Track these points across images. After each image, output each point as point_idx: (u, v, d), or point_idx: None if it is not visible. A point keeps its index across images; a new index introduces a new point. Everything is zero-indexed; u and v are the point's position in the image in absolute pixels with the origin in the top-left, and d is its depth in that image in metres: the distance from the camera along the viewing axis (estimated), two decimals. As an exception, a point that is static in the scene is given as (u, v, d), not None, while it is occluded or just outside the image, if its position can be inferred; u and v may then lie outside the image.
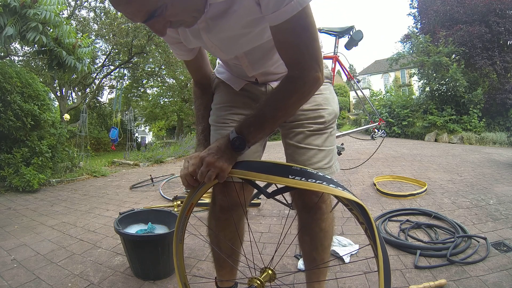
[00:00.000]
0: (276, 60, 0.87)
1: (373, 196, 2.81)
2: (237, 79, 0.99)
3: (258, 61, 0.87)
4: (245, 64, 0.88)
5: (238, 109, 0.98)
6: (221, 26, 0.73)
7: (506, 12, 8.86)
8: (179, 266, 0.97)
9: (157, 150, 7.32)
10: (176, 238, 0.93)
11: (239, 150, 0.75)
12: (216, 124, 0.99)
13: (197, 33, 0.78)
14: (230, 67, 0.99)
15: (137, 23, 0.69)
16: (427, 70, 9.55)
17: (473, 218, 2.10)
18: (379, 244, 0.67)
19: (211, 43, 0.80)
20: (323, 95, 0.96)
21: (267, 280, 0.84)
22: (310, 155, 0.91)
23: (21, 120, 3.70)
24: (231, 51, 0.84)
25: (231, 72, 1.01)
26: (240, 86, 0.98)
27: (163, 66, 13.58)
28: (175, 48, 0.91)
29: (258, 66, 0.89)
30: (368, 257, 1.61)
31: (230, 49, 0.82)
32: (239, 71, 0.95)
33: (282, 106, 0.73)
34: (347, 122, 17.97)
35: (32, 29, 3.18)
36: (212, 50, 0.85)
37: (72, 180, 4.37)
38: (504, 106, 8.78)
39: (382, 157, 5.06)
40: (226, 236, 1.02)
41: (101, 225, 2.31)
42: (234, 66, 0.95)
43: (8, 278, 1.49)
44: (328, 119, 0.94)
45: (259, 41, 0.79)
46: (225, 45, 0.81)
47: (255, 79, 0.95)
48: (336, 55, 2.69)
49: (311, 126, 0.92)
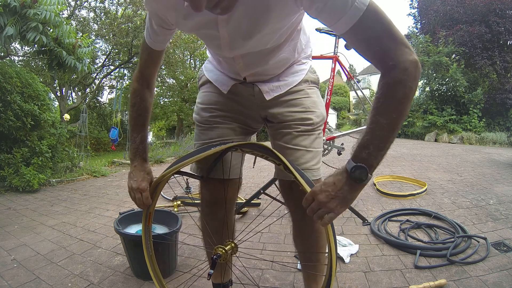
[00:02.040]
0: (271, 65, 0.88)
1: (373, 196, 2.81)
2: (226, 78, 0.97)
3: (253, 63, 0.86)
4: (239, 65, 0.87)
5: (223, 112, 0.98)
6: (243, 23, 0.70)
7: (506, 12, 8.86)
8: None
9: (157, 150, 7.32)
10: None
11: (361, 182, 0.63)
12: (201, 124, 1.00)
13: (213, 22, 0.72)
14: (221, 64, 0.96)
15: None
16: (427, 70, 9.55)
17: (473, 218, 2.10)
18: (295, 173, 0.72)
19: (226, 36, 0.75)
20: (311, 99, 0.96)
21: (231, 250, 0.90)
22: (298, 155, 0.92)
23: (21, 120, 3.70)
24: (239, 49, 0.80)
25: (221, 68, 0.98)
26: (228, 88, 0.96)
27: (163, 66, 13.56)
28: (155, 31, 0.83)
29: (252, 67, 0.88)
30: (368, 257, 1.61)
31: (240, 47, 0.79)
32: (230, 68, 0.93)
33: (394, 107, 0.60)
34: (347, 122, 17.96)
35: (32, 29, 3.18)
36: (218, 43, 0.79)
37: (72, 180, 4.37)
38: (504, 106, 8.78)
39: (382, 157, 5.06)
40: (212, 229, 1.04)
41: (101, 225, 2.31)
42: (226, 63, 0.92)
43: (8, 278, 1.49)
44: (316, 121, 0.95)
45: (264, 46, 0.78)
46: (236, 42, 0.77)
47: (243, 78, 0.94)
48: (336, 55, 2.68)
49: (298, 127, 0.93)
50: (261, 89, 0.92)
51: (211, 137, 0.98)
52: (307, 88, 0.97)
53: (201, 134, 1.01)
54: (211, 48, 0.88)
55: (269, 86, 0.93)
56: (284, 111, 0.94)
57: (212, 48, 0.87)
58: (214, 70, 1.01)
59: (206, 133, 0.99)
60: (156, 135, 26.65)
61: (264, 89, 0.92)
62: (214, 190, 1.00)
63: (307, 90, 0.97)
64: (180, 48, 13.34)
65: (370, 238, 1.87)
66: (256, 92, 0.94)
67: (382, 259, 1.60)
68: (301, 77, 0.96)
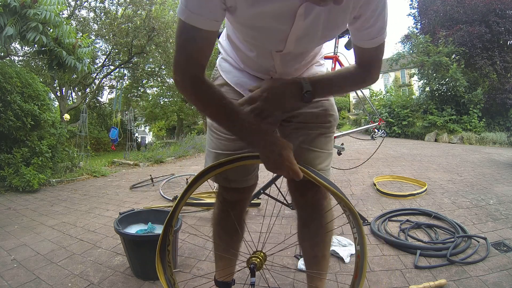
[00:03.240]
0: (300, 65, 0.89)
1: (373, 196, 2.81)
2: (246, 81, 0.90)
3: (288, 64, 0.85)
4: (277, 63, 0.83)
5: None
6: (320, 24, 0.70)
7: (506, 12, 8.87)
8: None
9: (157, 150, 7.33)
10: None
11: (306, 101, 0.79)
12: (220, 133, 0.94)
13: (291, 15, 0.66)
14: (248, 60, 0.87)
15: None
16: (427, 70, 9.56)
17: (473, 218, 2.10)
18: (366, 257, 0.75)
19: (297, 32, 0.70)
20: (329, 101, 0.96)
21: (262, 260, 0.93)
22: (313, 157, 0.91)
23: (21, 120, 3.70)
24: (297, 48, 0.77)
25: (245, 64, 0.90)
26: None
27: (163, 66, 13.56)
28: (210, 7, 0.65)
29: (286, 67, 0.86)
30: (368, 257, 1.61)
31: (300, 45, 0.76)
32: (262, 64, 0.86)
33: (349, 84, 0.85)
34: (347, 122, 17.95)
35: (32, 29, 3.18)
36: (278, 38, 0.73)
37: (72, 180, 4.37)
38: (504, 106, 8.78)
39: (382, 157, 5.06)
40: (226, 228, 1.05)
41: (101, 225, 2.31)
42: (260, 59, 0.84)
43: (8, 278, 1.49)
44: (333, 124, 0.96)
45: (315, 47, 0.85)
46: (302, 40, 0.73)
47: (270, 77, 0.89)
48: (336, 55, 2.68)
49: (317, 129, 0.93)
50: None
51: (233, 149, 0.93)
52: None
53: (220, 143, 0.95)
54: (259, 41, 0.77)
55: None
56: (306, 112, 0.92)
57: (262, 41, 0.77)
58: (232, 71, 0.93)
59: (226, 144, 0.94)
60: (156, 135, 26.67)
61: None
62: (236, 195, 1.02)
63: None
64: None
65: (370, 238, 1.87)
66: None
67: (382, 259, 1.60)
68: None
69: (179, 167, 5.75)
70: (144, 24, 10.76)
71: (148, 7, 10.57)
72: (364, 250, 0.75)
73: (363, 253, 0.75)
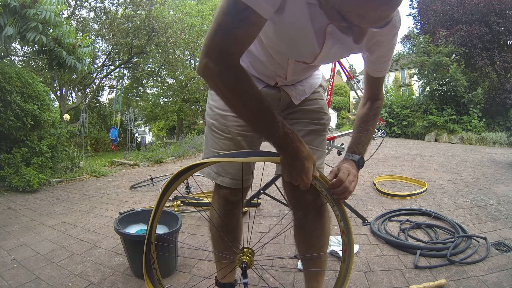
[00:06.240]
0: (307, 76, 0.98)
1: (373, 196, 2.81)
2: (257, 82, 0.91)
3: (298, 72, 0.90)
4: (289, 70, 0.86)
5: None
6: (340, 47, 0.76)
7: (506, 12, 8.87)
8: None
9: (157, 150, 7.32)
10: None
11: (360, 168, 0.88)
12: (221, 133, 0.96)
13: (321, 33, 0.69)
14: (260, 64, 0.86)
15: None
16: (427, 70, 9.56)
17: (473, 218, 2.10)
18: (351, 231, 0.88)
19: (327, 50, 0.74)
20: (324, 101, 1.02)
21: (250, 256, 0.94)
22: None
23: (21, 120, 3.70)
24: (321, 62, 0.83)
25: (251, 68, 0.90)
26: None
27: (163, 66, 13.57)
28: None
29: (295, 75, 0.91)
30: (368, 257, 1.61)
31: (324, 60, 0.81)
32: (274, 69, 0.86)
33: (376, 121, 0.96)
34: (347, 122, 17.95)
35: (32, 29, 3.18)
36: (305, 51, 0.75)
37: (72, 180, 4.37)
38: (504, 106, 8.79)
39: (382, 157, 5.06)
40: (229, 227, 1.08)
41: (101, 225, 2.31)
42: (273, 64, 0.84)
43: (8, 278, 1.49)
44: (326, 123, 1.01)
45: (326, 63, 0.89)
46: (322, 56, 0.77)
47: (275, 83, 0.93)
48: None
49: (311, 126, 0.96)
50: (289, 94, 0.95)
51: (233, 149, 0.95)
52: (321, 91, 1.05)
53: (222, 144, 0.97)
54: (288, 49, 0.76)
55: (296, 91, 0.96)
56: (303, 108, 0.98)
57: (292, 51, 0.76)
58: None
59: (226, 144, 0.96)
60: (156, 135, 26.66)
61: (292, 94, 0.95)
62: (240, 194, 1.04)
63: (321, 93, 1.05)
64: (180, 48, 13.35)
65: (370, 238, 1.87)
66: (283, 96, 0.95)
67: (382, 259, 1.60)
68: (319, 81, 1.03)
69: (179, 167, 5.72)
70: (144, 24, 10.75)
71: (148, 7, 10.55)
72: (347, 224, 0.87)
73: (347, 227, 0.88)
